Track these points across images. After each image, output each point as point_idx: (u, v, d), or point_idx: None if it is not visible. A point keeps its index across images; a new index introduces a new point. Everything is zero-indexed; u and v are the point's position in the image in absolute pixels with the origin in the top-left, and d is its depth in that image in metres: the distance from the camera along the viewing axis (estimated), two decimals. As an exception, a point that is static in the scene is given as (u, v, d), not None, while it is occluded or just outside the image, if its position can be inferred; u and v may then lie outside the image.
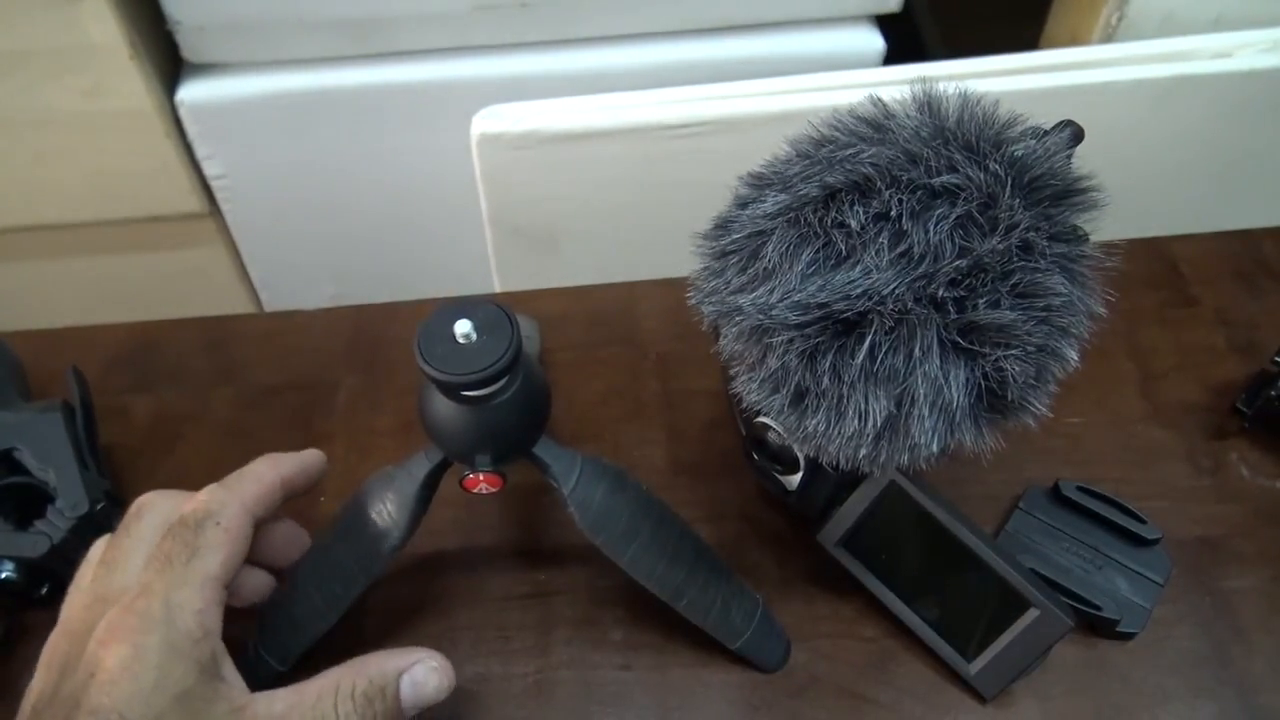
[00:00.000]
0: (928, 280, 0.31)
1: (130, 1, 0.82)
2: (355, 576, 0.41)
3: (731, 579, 0.43)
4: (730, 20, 0.89)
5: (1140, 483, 0.49)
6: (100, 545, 0.39)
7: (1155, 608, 0.44)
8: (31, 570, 0.44)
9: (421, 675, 0.38)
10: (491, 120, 0.72)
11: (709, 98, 0.73)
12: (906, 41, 0.96)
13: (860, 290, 0.31)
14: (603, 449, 0.50)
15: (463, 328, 0.34)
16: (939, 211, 0.32)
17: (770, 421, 0.40)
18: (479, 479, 0.38)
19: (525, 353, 0.36)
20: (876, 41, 0.89)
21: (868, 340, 0.31)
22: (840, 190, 0.33)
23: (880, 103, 0.35)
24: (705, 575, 0.41)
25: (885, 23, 0.91)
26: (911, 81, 0.35)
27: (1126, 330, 0.55)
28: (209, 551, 0.37)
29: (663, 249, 0.46)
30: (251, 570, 0.41)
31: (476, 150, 0.73)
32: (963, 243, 0.31)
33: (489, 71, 0.89)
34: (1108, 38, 0.84)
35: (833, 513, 0.43)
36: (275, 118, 0.91)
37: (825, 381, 0.32)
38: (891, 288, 0.31)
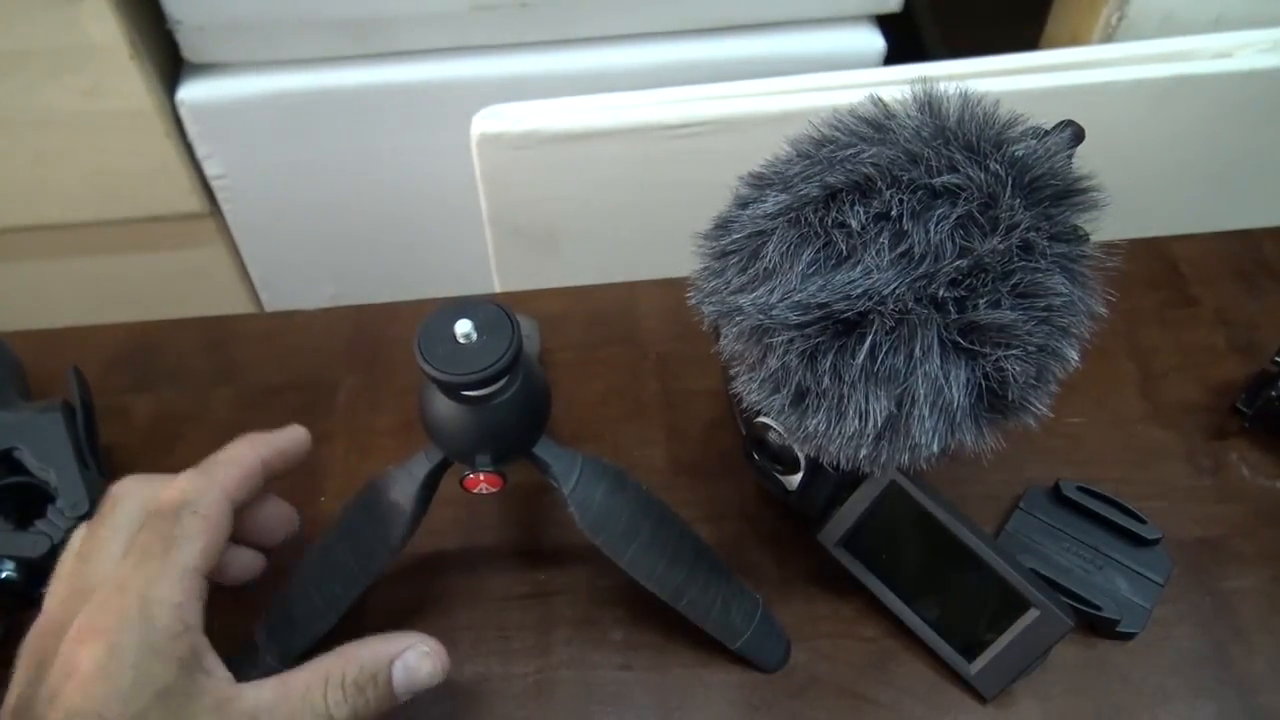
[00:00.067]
0: (928, 280, 0.31)
1: (130, 1, 0.82)
2: (355, 576, 0.41)
3: (731, 579, 0.43)
4: (730, 20, 0.89)
5: (1140, 483, 0.49)
6: (79, 534, 0.38)
7: (1155, 608, 0.44)
8: (31, 570, 0.43)
9: (414, 661, 0.37)
10: (491, 120, 0.72)
11: (709, 98, 0.73)
12: (906, 41, 0.96)
13: (861, 290, 0.31)
14: (603, 449, 0.50)
15: (463, 328, 0.34)
16: (939, 211, 0.32)
17: (770, 421, 0.40)
18: (479, 479, 0.38)
19: (525, 353, 0.36)
20: (876, 41, 0.89)
21: (868, 340, 0.32)
22: (841, 190, 0.33)
23: (881, 103, 0.35)
24: (705, 575, 0.41)
25: (885, 23, 0.91)
26: (912, 81, 0.35)
27: (1127, 330, 0.55)
28: (186, 542, 0.35)
29: (663, 249, 0.46)
30: (238, 549, 0.40)
31: (476, 150, 0.73)
32: (963, 243, 0.31)
33: (489, 71, 0.89)
34: (1108, 38, 0.84)
35: (833, 513, 0.43)
36: (275, 118, 0.91)
37: (826, 381, 0.32)
38: (892, 288, 0.31)
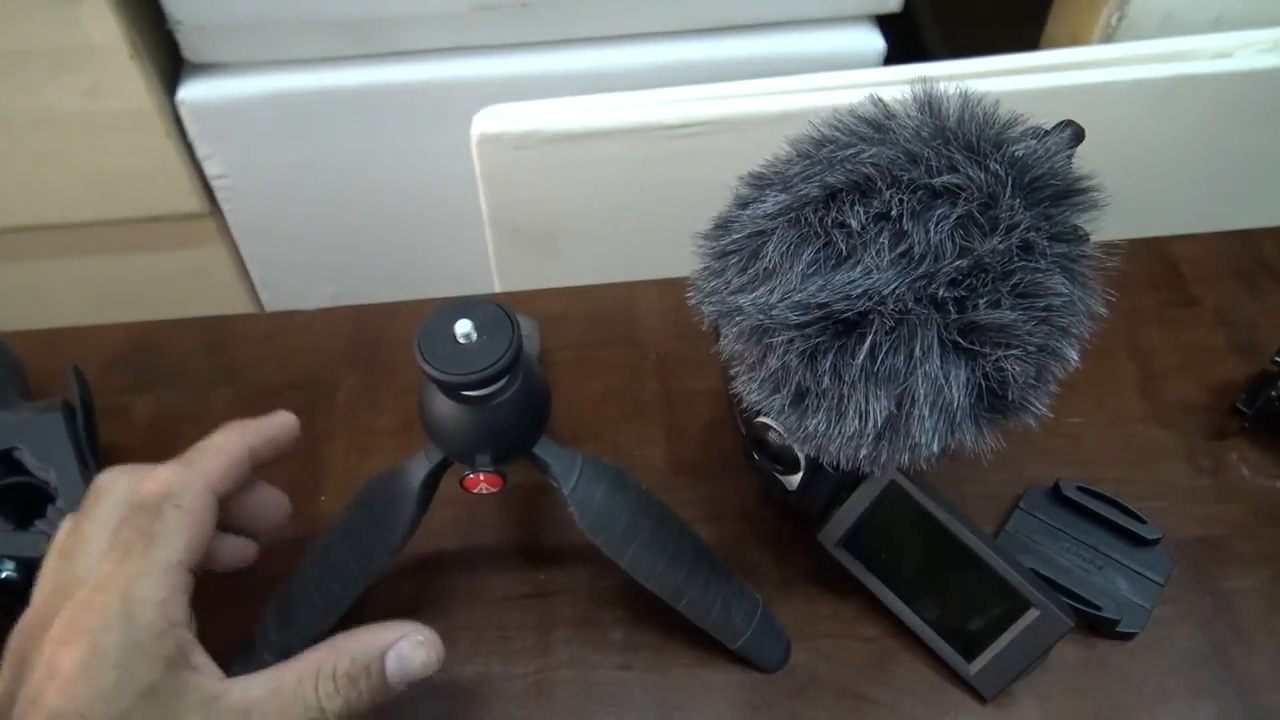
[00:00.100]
0: (928, 280, 0.31)
1: (130, 1, 0.82)
2: (355, 576, 0.41)
3: (731, 579, 0.43)
4: (730, 20, 0.89)
5: (1140, 483, 0.49)
6: (64, 529, 0.37)
7: (1155, 608, 0.44)
8: (31, 570, 0.43)
9: (408, 650, 0.36)
10: (491, 120, 0.72)
11: (709, 98, 0.73)
12: (907, 41, 0.96)
13: (861, 290, 0.31)
14: (603, 449, 0.50)
15: (463, 328, 0.34)
16: (939, 211, 0.32)
17: (770, 421, 0.40)
18: (479, 479, 0.38)
19: (525, 353, 0.36)
20: (876, 41, 0.89)
21: (868, 340, 0.32)
22: (841, 190, 0.33)
23: (881, 103, 0.35)
24: (705, 575, 0.41)
25: (885, 23, 0.91)
26: (912, 81, 0.35)
27: (1126, 330, 0.55)
28: (168, 537, 0.34)
29: (663, 249, 0.46)
30: (228, 537, 0.40)
31: (476, 150, 0.73)
32: (963, 243, 0.31)
33: (489, 71, 0.89)
34: (1108, 38, 0.84)
35: (833, 513, 0.43)
36: (275, 118, 0.91)
37: (826, 381, 0.32)
38: (892, 288, 0.31)
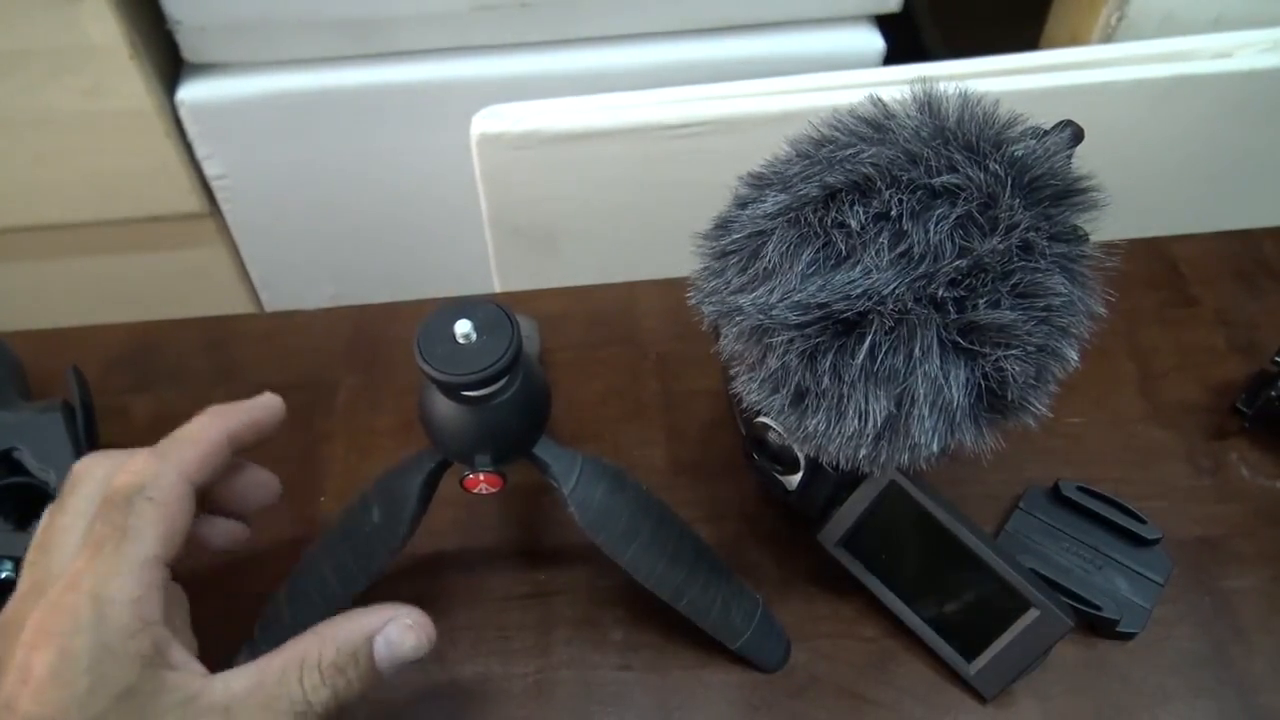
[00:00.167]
0: (928, 280, 0.31)
1: (130, 1, 0.82)
2: (355, 577, 0.41)
3: (731, 579, 0.43)
4: (730, 20, 0.89)
5: (1140, 483, 0.49)
6: (44, 519, 0.35)
7: (1155, 608, 0.44)
8: (31, 570, 0.43)
9: (396, 635, 0.35)
10: (491, 120, 0.72)
11: (709, 98, 0.73)
12: (906, 41, 0.96)
13: (860, 290, 0.31)
14: (603, 449, 0.50)
15: (463, 328, 0.34)
16: (939, 211, 0.32)
17: (770, 421, 0.40)
18: (479, 479, 0.38)
19: (525, 353, 0.36)
20: (876, 41, 0.89)
21: (868, 340, 0.31)
22: (840, 190, 0.33)
23: (880, 103, 0.35)
24: (705, 575, 0.41)
25: (885, 23, 0.91)
26: (911, 81, 0.35)
27: (1126, 330, 0.55)
28: (141, 531, 0.33)
29: (663, 249, 0.46)
30: (217, 520, 0.39)
31: (476, 150, 0.73)
32: (963, 243, 0.31)
33: (489, 71, 0.89)
34: (1108, 38, 0.84)
35: (833, 513, 0.43)
36: (275, 118, 0.91)
37: (825, 381, 0.32)
38: (891, 288, 0.31)
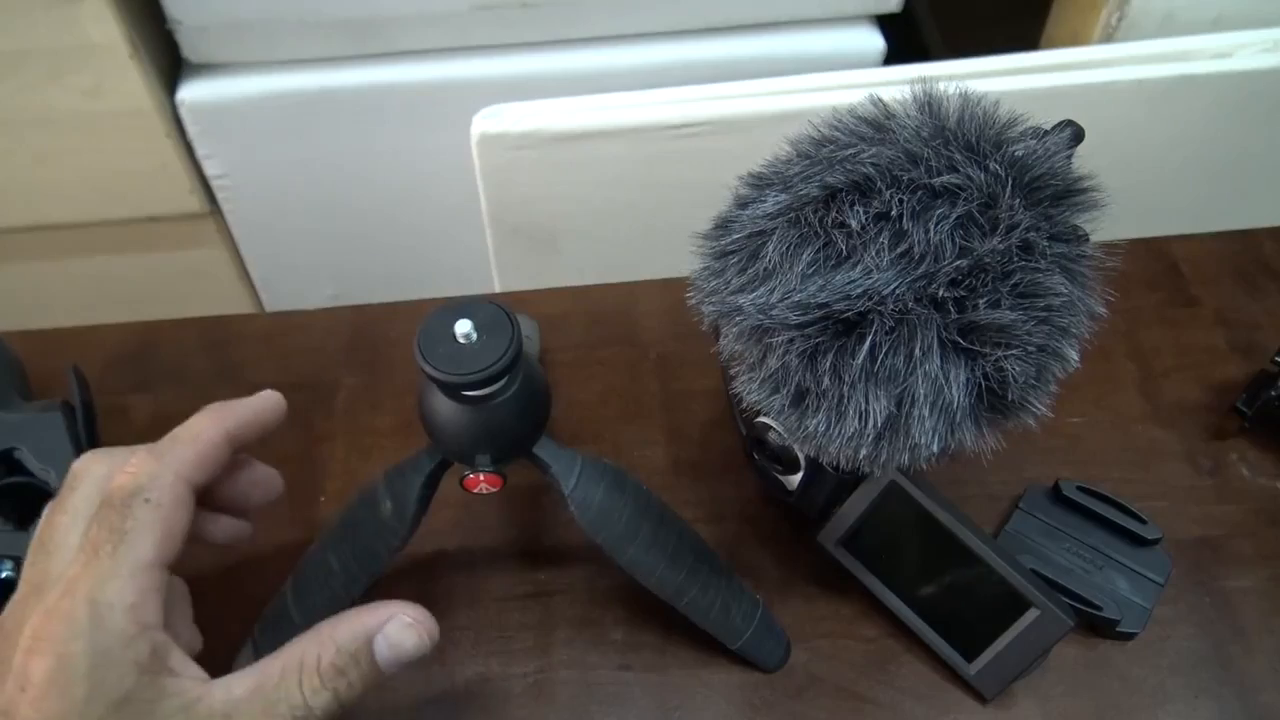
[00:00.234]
0: (928, 280, 0.31)
1: (130, 1, 0.82)
2: (355, 576, 0.41)
3: (731, 579, 0.43)
4: (730, 20, 0.89)
5: (1140, 483, 0.49)
6: (43, 518, 0.35)
7: (1155, 608, 0.44)
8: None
9: (397, 633, 0.34)
10: (491, 120, 0.72)
11: (709, 98, 0.73)
12: (907, 41, 0.96)
13: (860, 290, 0.31)
14: (603, 449, 0.50)
15: (463, 328, 0.34)
16: (939, 211, 0.32)
17: (770, 421, 0.40)
18: (479, 479, 0.38)
19: (525, 353, 0.36)
20: (876, 41, 0.89)
21: (868, 340, 0.31)
22: (841, 190, 0.33)
23: (880, 103, 0.35)
24: (705, 575, 0.41)
25: (885, 23, 0.91)
26: (912, 81, 0.35)
27: (1126, 330, 0.55)
28: (138, 534, 0.33)
29: (663, 249, 0.46)
30: (218, 517, 0.39)
31: (476, 150, 0.73)
32: (963, 243, 0.31)
33: (489, 71, 0.89)
34: (1108, 38, 0.84)
35: (833, 513, 0.43)
36: (275, 118, 0.91)
37: (825, 381, 0.32)
38: (892, 288, 0.31)
